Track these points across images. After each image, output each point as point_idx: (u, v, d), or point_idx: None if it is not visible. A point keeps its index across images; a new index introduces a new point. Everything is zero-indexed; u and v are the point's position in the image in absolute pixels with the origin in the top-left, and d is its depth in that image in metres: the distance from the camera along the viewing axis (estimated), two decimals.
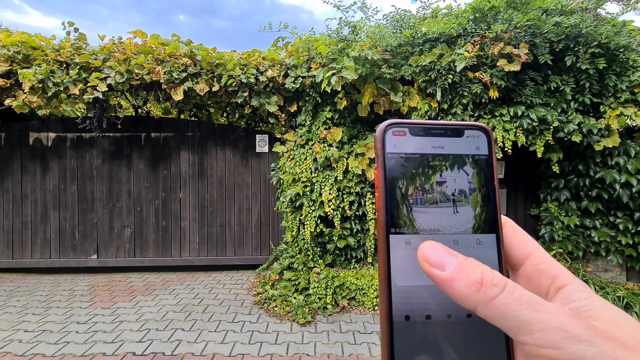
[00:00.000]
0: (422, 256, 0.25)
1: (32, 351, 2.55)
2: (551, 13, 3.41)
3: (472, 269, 0.23)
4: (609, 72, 3.39)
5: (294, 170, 3.89)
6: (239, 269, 4.71)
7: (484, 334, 0.26)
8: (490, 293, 0.22)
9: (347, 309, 3.38)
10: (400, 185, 0.28)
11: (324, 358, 2.50)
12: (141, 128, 4.56)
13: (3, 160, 4.43)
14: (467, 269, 0.23)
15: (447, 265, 0.24)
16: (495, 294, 0.22)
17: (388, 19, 3.84)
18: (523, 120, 3.41)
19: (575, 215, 3.84)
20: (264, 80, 3.81)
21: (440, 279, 0.24)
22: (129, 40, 3.96)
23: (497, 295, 0.22)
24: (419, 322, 0.26)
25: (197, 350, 2.58)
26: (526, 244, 0.28)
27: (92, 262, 4.53)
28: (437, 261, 0.24)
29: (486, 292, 0.22)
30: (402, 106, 3.58)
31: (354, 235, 3.89)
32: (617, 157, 3.58)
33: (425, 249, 0.25)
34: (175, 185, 4.62)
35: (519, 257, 0.27)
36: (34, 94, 3.61)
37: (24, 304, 3.46)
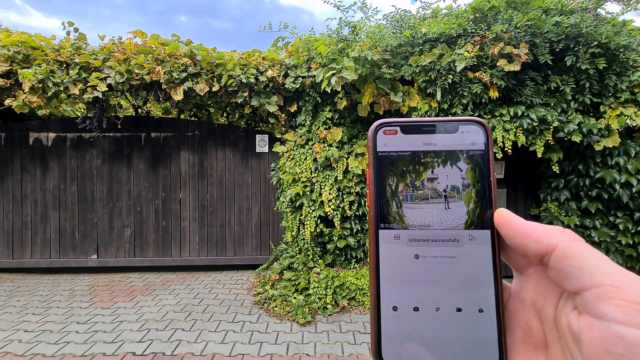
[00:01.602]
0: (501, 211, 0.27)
1: (32, 351, 2.55)
2: (551, 13, 3.41)
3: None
4: (609, 72, 3.39)
5: (294, 170, 3.89)
6: (239, 269, 4.70)
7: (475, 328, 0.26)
8: (574, 235, 0.23)
9: (347, 309, 3.38)
10: (390, 182, 0.28)
11: (324, 358, 2.50)
12: (141, 128, 4.56)
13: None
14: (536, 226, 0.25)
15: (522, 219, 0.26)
16: (579, 237, 0.23)
17: (388, 19, 3.84)
18: (523, 120, 3.41)
19: (575, 215, 3.84)
20: (264, 80, 3.81)
21: (520, 220, 0.25)
22: (129, 40, 3.96)
23: (580, 240, 0.23)
24: (406, 313, 0.27)
25: (197, 350, 2.58)
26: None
27: (92, 262, 4.53)
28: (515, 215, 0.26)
29: (570, 233, 0.23)
30: (402, 106, 3.58)
31: (354, 235, 3.89)
32: (617, 157, 3.58)
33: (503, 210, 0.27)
34: (175, 185, 4.62)
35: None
36: (34, 94, 3.61)
37: (24, 304, 3.46)
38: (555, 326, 0.24)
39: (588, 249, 0.22)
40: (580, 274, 0.21)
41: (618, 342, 0.18)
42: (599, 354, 0.19)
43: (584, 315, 0.21)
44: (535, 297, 0.26)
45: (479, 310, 0.26)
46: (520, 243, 0.25)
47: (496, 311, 0.26)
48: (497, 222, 0.27)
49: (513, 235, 0.25)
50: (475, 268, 0.27)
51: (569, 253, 0.22)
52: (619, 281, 0.19)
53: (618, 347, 0.18)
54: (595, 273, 0.20)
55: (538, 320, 0.26)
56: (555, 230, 0.24)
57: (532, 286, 0.26)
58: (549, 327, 0.25)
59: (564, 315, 0.23)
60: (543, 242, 0.23)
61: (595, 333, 0.19)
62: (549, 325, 0.25)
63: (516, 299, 0.27)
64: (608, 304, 0.19)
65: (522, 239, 0.24)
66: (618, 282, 0.19)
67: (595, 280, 0.20)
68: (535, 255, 0.24)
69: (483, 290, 0.27)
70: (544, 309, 0.25)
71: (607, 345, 0.19)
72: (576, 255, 0.22)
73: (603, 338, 0.19)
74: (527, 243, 0.24)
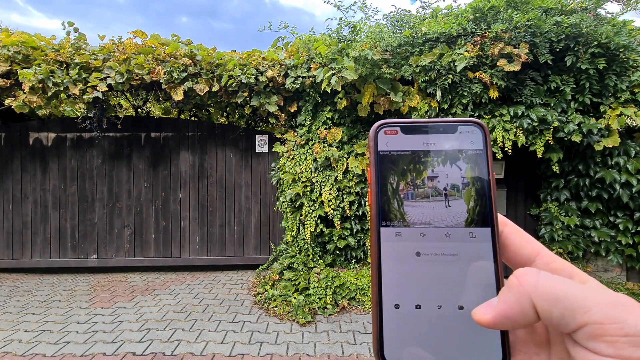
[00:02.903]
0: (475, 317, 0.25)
1: (32, 351, 2.55)
2: (551, 13, 3.41)
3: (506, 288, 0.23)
4: (609, 72, 3.39)
5: (294, 170, 3.89)
6: (239, 269, 4.70)
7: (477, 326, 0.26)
8: (531, 280, 0.22)
9: (347, 309, 3.38)
10: (391, 181, 0.29)
11: (324, 358, 2.50)
12: (141, 128, 4.56)
13: (3, 160, 4.43)
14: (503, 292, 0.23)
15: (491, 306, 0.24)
16: (535, 279, 0.22)
17: (388, 19, 3.84)
18: (523, 120, 3.41)
19: (575, 215, 3.84)
20: (264, 81, 3.81)
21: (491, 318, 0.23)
22: (129, 40, 3.96)
23: (538, 279, 0.22)
24: (408, 312, 0.27)
25: (197, 350, 2.58)
26: (532, 243, 0.28)
27: (92, 262, 4.53)
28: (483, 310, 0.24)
29: (526, 280, 0.22)
30: (402, 106, 3.58)
31: (354, 235, 3.89)
32: (617, 157, 3.58)
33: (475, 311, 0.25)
34: (175, 185, 4.62)
35: (527, 256, 0.27)
36: (34, 94, 3.61)
37: (24, 304, 3.46)
38: None
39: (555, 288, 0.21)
40: (564, 320, 0.21)
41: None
42: None
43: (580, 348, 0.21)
44: None
45: None
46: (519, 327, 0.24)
47: None
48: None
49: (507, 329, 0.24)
50: (477, 265, 0.27)
51: (546, 307, 0.21)
52: (599, 316, 0.20)
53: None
54: (575, 315, 0.20)
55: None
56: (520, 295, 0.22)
57: None
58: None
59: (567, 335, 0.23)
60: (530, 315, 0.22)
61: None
62: None
63: None
64: (598, 341, 0.20)
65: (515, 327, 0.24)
66: (599, 317, 0.20)
67: (578, 321, 0.20)
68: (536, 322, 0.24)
69: (485, 287, 0.27)
70: None
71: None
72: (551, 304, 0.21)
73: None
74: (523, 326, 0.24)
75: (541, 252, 0.27)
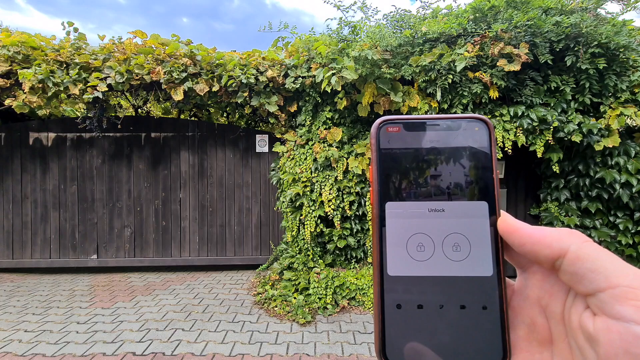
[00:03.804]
0: (505, 217, 0.26)
1: (32, 351, 2.55)
2: (551, 13, 3.41)
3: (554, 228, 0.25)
4: (609, 72, 3.38)
5: (294, 170, 3.89)
6: (239, 269, 4.70)
7: (478, 325, 0.26)
8: (583, 237, 0.23)
9: (347, 309, 3.38)
10: (393, 179, 0.28)
11: (324, 358, 2.50)
12: (141, 128, 4.56)
13: (3, 160, 4.43)
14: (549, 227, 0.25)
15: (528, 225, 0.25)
16: (588, 238, 0.23)
17: (388, 19, 3.84)
18: (523, 120, 3.41)
19: (576, 215, 3.84)
20: (264, 81, 3.81)
21: (528, 227, 0.25)
22: (129, 41, 3.96)
23: (590, 240, 0.22)
24: (410, 311, 0.26)
25: (197, 350, 2.57)
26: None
27: (92, 262, 4.53)
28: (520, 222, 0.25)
29: (579, 234, 0.23)
30: (402, 106, 3.58)
31: (354, 235, 3.89)
32: (617, 157, 3.57)
33: (507, 215, 0.27)
34: (175, 185, 4.62)
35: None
36: (34, 94, 3.61)
37: (24, 304, 3.46)
38: (562, 322, 0.24)
39: (600, 251, 0.22)
40: (594, 275, 0.21)
41: (638, 342, 0.18)
42: (618, 354, 0.19)
43: (600, 316, 0.21)
44: (541, 294, 0.26)
45: (482, 308, 0.26)
46: (531, 250, 0.24)
47: (500, 308, 0.26)
48: (502, 231, 0.26)
49: (522, 242, 0.25)
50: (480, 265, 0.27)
51: (582, 255, 0.22)
52: (635, 282, 0.19)
53: (638, 347, 0.18)
54: (610, 274, 0.20)
55: (543, 317, 0.26)
56: (564, 233, 0.23)
57: (537, 283, 0.26)
58: (556, 324, 0.25)
59: (574, 314, 0.23)
60: (555, 247, 0.23)
61: (614, 334, 0.19)
62: (555, 321, 0.25)
63: (520, 296, 0.27)
64: (626, 305, 0.19)
65: (532, 246, 0.24)
66: (634, 282, 0.19)
67: (611, 281, 0.20)
68: (547, 261, 0.24)
69: (487, 287, 0.27)
70: (551, 306, 0.25)
71: (627, 346, 0.19)
72: (589, 257, 0.21)
73: (622, 339, 0.19)
74: (538, 250, 0.24)
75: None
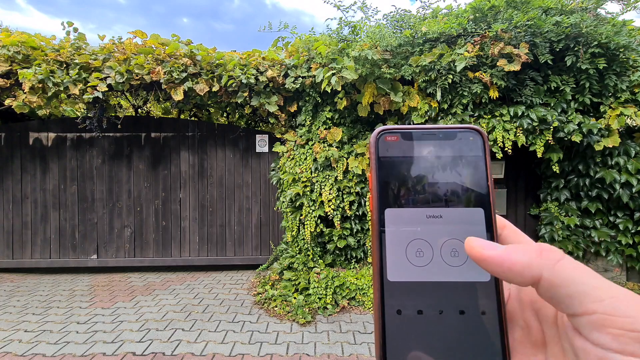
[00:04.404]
0: (472, 244, 0.24)
1: (32, 351, 2.55)
2: (551, 13, 3.41)
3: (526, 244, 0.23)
4: (609, 72, 3.39)
5: (294, 170, 3.89)
6: (239, 269, 4.70)
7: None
8: (554, 257, 0.21)
9: (347, 309, 3.38)
10: (392, 187, 0.29)
11: (324, 358, 2.50)
12: (141, 128, 4.56)
13: (3, 160, 4.43)
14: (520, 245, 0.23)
15: (498, 247, 0.23)
16: (559, 258, 0.21)
17: (388, 19, 3.84)
18: (523, 120, 3.41)
19: (575, 215, 3.84)
20: (264, 81, 3.81)
21: (497, 255, 0.23)
22: (129, 41, 3.96)
23: (561, 260, 0.21)
24: (410, 317, 0.27)
25: (197, 350, 2.58)
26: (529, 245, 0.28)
27: (92, 262, 4.53)
28: (488, 245, 0.24)
29: (549, 255, 0.22)
30: (402, 106, 3.58)
31: (354, 235, 3.89)
32: (617, 157, 3.58)
33: (473, 239, 0.25)
34: (175, 185, 4.62)
35: None
36: (34, 94, 3.61)
37: (24, 304, 3.46)
38: (555, 325, 0.24)
39: (575, 271, 0.21)
40: (570, 300, 0.20)
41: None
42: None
43: (580, 337, 0.21)
44: (534, 298, 0.26)
45: (481, 313, 0.27)
46: (505, 278, 0.23)
47: (498, 313, 0.26)
48: (472, 257, 0.24)
49: (493, 270, 0.23)
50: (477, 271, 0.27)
51: (556, 281, 0.21)
52: (610, 308, 0.19)
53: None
54: (585, 300, 0.20)
55: (537, 320, 0.26)
56: (533, 256, 0.22)
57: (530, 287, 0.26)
58: (549, 327, 0.25)
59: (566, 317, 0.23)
60: (527, 275, 0.22)
61: (592, 357, 0.20)
62: (548, 324, 0.25)
63: (515, 300, 0.28)
64: (602, 332, 0.19)
65: (504, 274, 0.23)
66: (610, 309, 0.19)
67: (587, 307, 0.20)
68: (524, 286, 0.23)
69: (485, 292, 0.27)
70: (543, 309, 0.25)
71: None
72: (563, 283, 0.21)
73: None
74: (511, 277, 0.23)
75: None
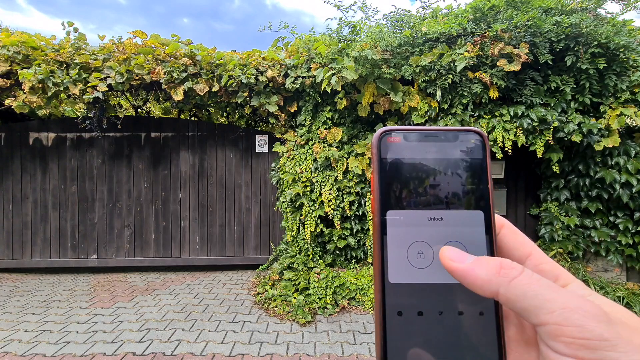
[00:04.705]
0: (444, 255, 0.26)
1: (32, 351, 2.55)
2: (551, 12, 3.41)
3: (490, 259, 0.25)
4: (609, 72, 3.38)
5: (294, 170, 3.89)
6: (239, 269, 4.71)
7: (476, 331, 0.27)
8: (510, 274, 0.23)
9: (347, 309, 3.38)
10: (394, 188, 0.29)
11: (324, 358, 2.50)
12: (141, 128, 4.56)
13: (3, 160, 4.43)
14: (485, 260, 0.25)
15: (467, 260, 0.25)
16: (515, 275, 0.23)
17: (388, 19, 3.84)
18: (523, 120, 3.41)
19: (575, 215, 3.84)
20: (264, 81, 3.81)
21: (462, 269, 0.25)
22: (129, 41, 3.96)
23: (517, 276, 0.23)
24: (411, 318, 0.27)
25: (197, 350, 2.58)
26: (525, 245, 0.29)
27: (92, 262, 4.53)
28: (457, 257, 0.26)
29: (506, 273, 0.24)
30: (402, 106, 3.58)
31: (354, 235, 3.89)
32: (617, 157, 3.57)
33: (446, 250, 0.27)
34: (175, 185, 4.62)
35: (519, 257, 0.28)
36: (34, 94, 3.61)
37: (24, 304, 3.46)
38: None
39: (529, 287, 0.22)
40: (527, 314, 0.22)
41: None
42: None
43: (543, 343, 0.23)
44: None
45: (479, 314, 0.27)
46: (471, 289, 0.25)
47: (495, 314, 0.27)
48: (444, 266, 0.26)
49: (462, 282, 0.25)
50: None
51: (511, 297, 0.23)
52: (561, 319, 0.21)
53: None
54: (539, 313, 0.22)
55: None
56: (492, 273, 0.24)
57: None
58: None
59: None
60: (487, 291, 0.24)
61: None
62: None
63: None
64: (557, 341, 0.21)
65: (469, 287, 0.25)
66: (561, 319, 0.21)
67: (541, 319, 0.22)
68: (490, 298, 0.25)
69: None
70: None
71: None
72: (518, 298, 0.22)
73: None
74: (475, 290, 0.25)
75: (533, 253, 0.28)
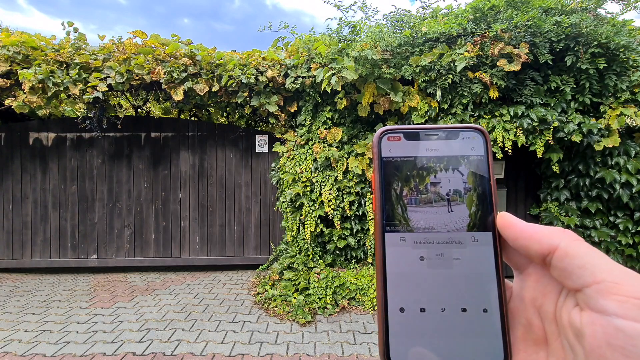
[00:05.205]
0: (505, 216, 0.28)
1: (32, 351, 2.55)
2: (551, 13, 3.41)
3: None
4: (609, 72, 3.38)
5: (294, 170, 3.89)
6: (239, 269, 4.71)
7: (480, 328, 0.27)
8: (574, 235, 0.24)
9: (347, 309, 3.38)
10: (395, 187, 0.29)
11: (324, 358, 2.50)
12: (141, 128, 4.56)
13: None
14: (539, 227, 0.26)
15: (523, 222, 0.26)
16: (579, 237, 0.24)
17: (388, 19, 3.84)
18: (523, 120, 3.41)
19: (576, 215, 3.83)
20: (264, 81, 3.81)
21: (522, 223, 0.26)
22: (129, 41, 3.96)
23: (580, 240, 0.24)
24: (413, 315, 0.27)
25: (197, 350, 2.58)
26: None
27: (92, 262, 4.53)
28: (516, 218, 0.27)
29: (570, 233, 0.24)
30: (402, 106, 3.58)
31: (354, 235, 3.89)
32: (617, 157, 3.57)
33: (506, 214, 0.28)
34: (175, 185, 4.62)
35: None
36: (34, 94, 3.61)
37: (24, 304, 3.46)
38: (555, 322, 0.25)
39: (589, 248, 0.23)
40: (581, 271, 0.22)
41: (618, 334, 0.19)
42: (601, 346, 0.20)
43: (585, 310, 0.22)
44: (535, 295, 0.26)
45: (483, 310, 0.27)
46: (523, 245, 0.25)
47: (500, 311, 0.27)
48: (499, 225, 0.28)
49: (516, 237, 0.26)
50: (479, 269, 0.28)
51: (571, 252, 0.23)
52: (619, 277, 0.20)
53: (618, 339, 0.19)
54: (596, 270, 0.21)
55: (538, 318, 0.26)
56: (556, 231, 0.24)
57: (532, 284, 0.27)
58: (549, 323, 0.25)
59: (564, 312, 0.24)
60: (545, 243, 0.24)
61: (597, 327, 0.20)
62: (548, 321, 0.25)
63: (517, 298, 0.28)
64: (609, 299, 0.20)
65: (525, 240, 0.25)
66: (618, 278, 0.20)
67: (597, 277, 0.21)
68: (538, 256, 0.25)
69: (487, 290, 0.27)
70: (544, 306, 0.26)
71: (609, 338, 0.20)
72: (578, 254, 0.23)
73: (605, 331, 0.20)
74: (530, 244, 0.25)
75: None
